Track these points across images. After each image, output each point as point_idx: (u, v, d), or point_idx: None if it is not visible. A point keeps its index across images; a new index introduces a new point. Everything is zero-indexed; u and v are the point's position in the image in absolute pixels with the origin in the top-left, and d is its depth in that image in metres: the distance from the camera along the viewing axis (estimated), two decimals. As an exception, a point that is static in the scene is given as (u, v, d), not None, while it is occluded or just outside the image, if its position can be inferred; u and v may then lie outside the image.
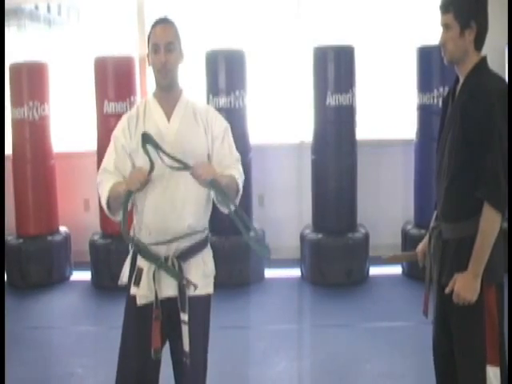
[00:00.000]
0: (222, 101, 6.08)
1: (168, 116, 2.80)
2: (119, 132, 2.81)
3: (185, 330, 2.72)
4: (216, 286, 2.92)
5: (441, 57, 2.74)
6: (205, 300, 2.87)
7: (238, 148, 2.92)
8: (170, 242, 2.75)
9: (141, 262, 2.79)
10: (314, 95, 6.17)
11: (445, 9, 2.63)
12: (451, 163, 2.62)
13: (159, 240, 2.74)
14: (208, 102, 6.10)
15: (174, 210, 2.74)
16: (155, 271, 2.74)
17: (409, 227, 6.20)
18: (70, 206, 6.75)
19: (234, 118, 6.07)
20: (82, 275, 6.36)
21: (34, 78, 6.25)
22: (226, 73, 6.14)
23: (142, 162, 2.70)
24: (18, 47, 7.08)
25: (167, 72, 2.76)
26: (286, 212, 6.77)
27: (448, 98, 2.78)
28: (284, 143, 6.87)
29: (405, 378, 4.19)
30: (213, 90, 6.13)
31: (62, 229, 6.50)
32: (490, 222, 2.51)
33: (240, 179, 2.84)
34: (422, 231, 5.87)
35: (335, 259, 5.98)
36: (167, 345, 2.88)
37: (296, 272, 6.26)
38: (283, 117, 7.06)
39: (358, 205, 6.23)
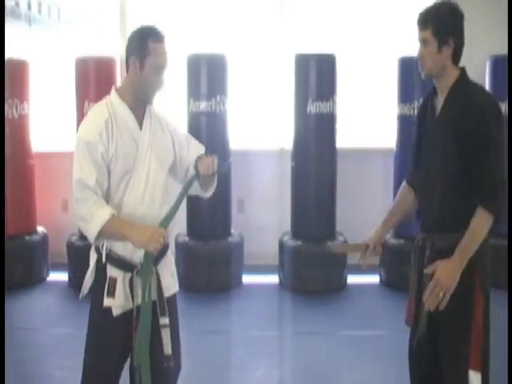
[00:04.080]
0: (203, 105, 6.07)
1: (139, 122, 2.74)
2: (95, 137, 2.60)
3: (166, 333, 2.70)
4: (194, 290, 2.91)
5: (421, 68, 2.77)
6: (175, 299, 2.89)
7: (217, 153, 2.91)
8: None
9: (112, 272, 2.71)
10: (294, 102, 6.19)
11: (423, 24, 2.67)
12: (446, 177, 2.66)
13: (137, 250, 2.68)
14: (189, 107, 6.11)
15: (151, 220, 2.70)
16: (132, 279, 2.69)
17: (387, 236, 6.22)
18: (48, 206, 6.69)
19: (215, 122, 6.08)
20: (59, 276, 6.31)
21: (14, 75, 6.17)
22: (208, 77, 6.13)
23: (120, 170, 2.65)
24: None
25: (159, 91, 2.76)
26: (265, 218, 6.76)
27: (424, 112, 2.82)
28: (264, 149, 6.87)
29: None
30: (194, 94, 6.12)
31: (40, 229, 6.44)
32: (481, 221, 2.56)
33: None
34: (401, 240, 5.94)
35: (314, 266, 5.99)
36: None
37: (274, 278, 6.26)
38: (264, 123, 7.06)
39: (337, 213, 6.24)
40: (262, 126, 7.08)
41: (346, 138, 6.56)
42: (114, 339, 2.72)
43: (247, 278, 6.28)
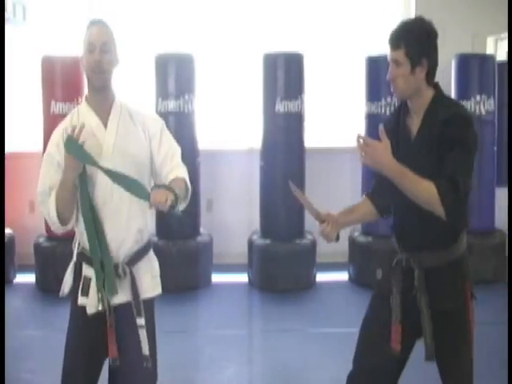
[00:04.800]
0: (171, 105, 6.06)
1: (104, 122, 2.69)
2: (53, 148, 2.67)
3: (142, 334, 2.68)
4: (163, 290, 2.89)
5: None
6: (152, 303, 2.84)
7: (186, 152, 2.90)
8: (119, 248, 2.68)
9: (87, 271, 2.69)
10: (263, 101, 6.20)
11: (395, 45, 2.57)
12: None
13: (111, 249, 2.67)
14: (157, 106, 6.09)
15: (122, 216, 2.68)
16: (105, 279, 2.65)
17: (356, 234, 6.27)
18: (15, 207, 6.62)
19: (183, 122, 6.07)
20: (26, 278, 6.25)
21: (-22, 75, 6.12)
22: (176, 77, 6.12)
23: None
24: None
25: (102, 72, 2.64)
26: (234, 217, 6.78)
27: (394, 132, 2.70)
28: (233, 149, 6.88)
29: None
30: (162, 93, 6.11)
31: (7, 230, 6.36)
32: (429, 188, 2.42)
33: (186, 176, 2.75)
34: (369, 238, 6.00)
35: (283, 265, 6.01)
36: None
37: (243, 277, 6.27)
38: (232, 122, 7.07)
39: (305, 212, 6.26)
40: (231, 125, 7.09)
41: (314, 136, 6.59)
42: (91, 339, 2.69)
43: (216, 278, 6.28)
